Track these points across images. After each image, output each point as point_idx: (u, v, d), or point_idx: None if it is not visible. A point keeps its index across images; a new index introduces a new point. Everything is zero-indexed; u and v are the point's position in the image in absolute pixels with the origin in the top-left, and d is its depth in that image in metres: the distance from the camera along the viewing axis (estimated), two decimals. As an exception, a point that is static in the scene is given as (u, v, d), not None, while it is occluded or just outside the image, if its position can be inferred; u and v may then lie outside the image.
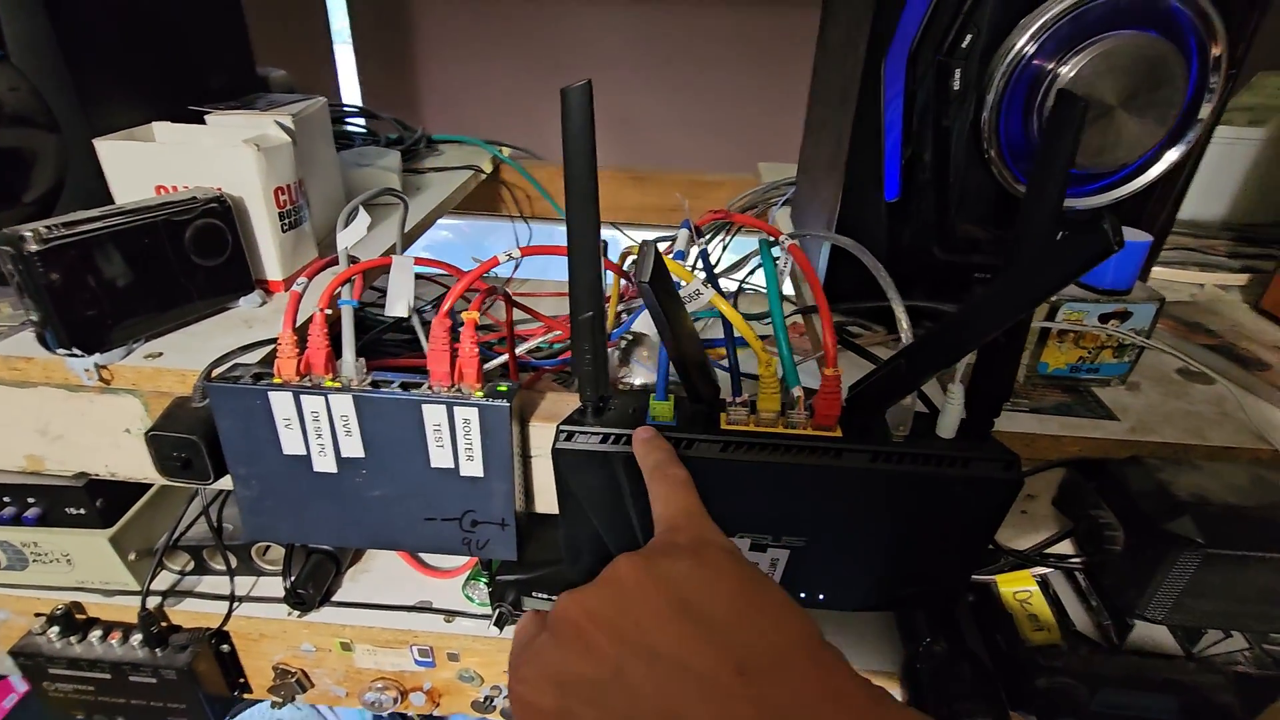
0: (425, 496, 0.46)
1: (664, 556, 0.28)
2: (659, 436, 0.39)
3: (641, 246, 0.25)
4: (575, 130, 0.34)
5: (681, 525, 0.31)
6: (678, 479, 0.34)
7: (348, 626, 0.58)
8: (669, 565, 0.27)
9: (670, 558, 0.28)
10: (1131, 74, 0.40)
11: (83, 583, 0.59)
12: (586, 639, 0.26)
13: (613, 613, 0.26)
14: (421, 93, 1.36)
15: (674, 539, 0.30)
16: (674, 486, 0.33)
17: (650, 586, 0.26)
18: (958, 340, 0.33)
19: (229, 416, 0.45)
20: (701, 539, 0.29)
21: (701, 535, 0.30)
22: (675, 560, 0.28)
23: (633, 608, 0.26)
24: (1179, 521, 0.36)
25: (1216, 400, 0.48)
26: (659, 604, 0.26)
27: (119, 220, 0.47)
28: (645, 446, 0.38)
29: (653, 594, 0.26)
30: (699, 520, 0.31)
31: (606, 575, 0.28)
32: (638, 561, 0.28)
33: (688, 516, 0.31)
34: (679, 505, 0.32)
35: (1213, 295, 0.66)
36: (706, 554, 0.28)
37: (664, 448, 0.38)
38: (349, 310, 0.45)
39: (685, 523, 0.31)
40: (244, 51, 0.70)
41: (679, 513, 0.32)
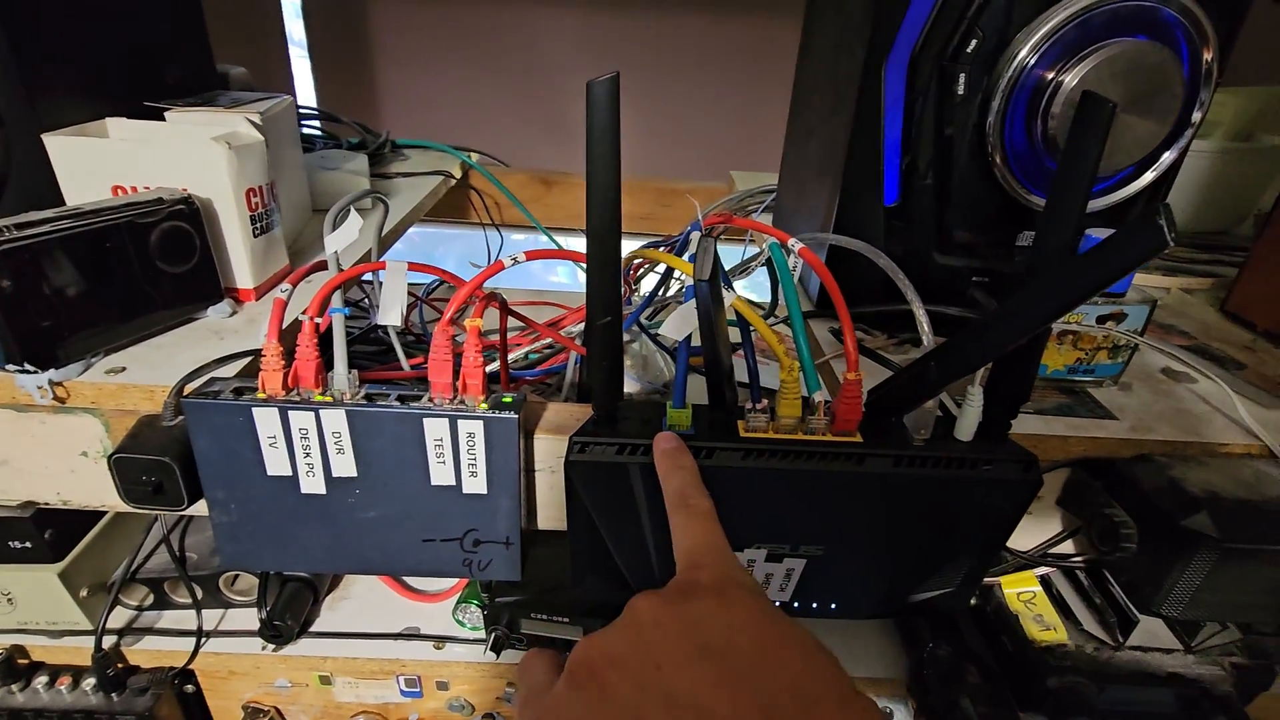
0: (424, 517, 0.44)
1: (686, 596, 0.27)
2: (683, 448, 0.37)
3: (701, 242, 0.23)
4: (600, 127, 0.33)
5: (705, 562, 0.29)
6: (700, 510, 0.32)
7: (328, 658, 0.54)
8: (691, 606, 0.26)
9: (692, 598, 0.27)
10: (1133, 80, 0.41)
11: (26, 623, 0.53)
12: (603, 684, 0.24)
13: (631, 656, 0.25)
14: (380, 97, 1.31)
15: (696, 577, 0.28)
16: (696, 518, 0.32)
17: (671, 627, 0.25)
18: (991, 343, 0.33)
19: (206, 435, 0.41)
20: (726, 577, 0.28)
21: (726, 573, 0.28)
22: (697, 600, 0.26)
23: (653, 650, 0.25)
24: (1196, 518, 0.37)
25: (1202, 398, 0.50)
26: (680, 646, 0.24)
27: (77, 222, 0.42)
28: (668, 461, 0.36)
29: (673, 635, 0.25)
30: (723, 557, 0.29)
31: (625, 617, 0.27)
32: (657, 601, 0.27)
33: (711, 552, 0.30)
34: (702, 540, 0.31)
35: (1180, 299, 0.69)
36: (731, 594, 0.27)
37: (688, 465, 0.36)
38: (340, 318, 0.42)
39: (709, 559, 0.29)
40: (202, 45, 0.66)
41: (702, 548, 0.30)
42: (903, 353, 0.54)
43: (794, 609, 0.46)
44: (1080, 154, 0.32)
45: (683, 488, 0.34)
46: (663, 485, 0.36)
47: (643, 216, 1.10)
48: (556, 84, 1.26)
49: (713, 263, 0.23)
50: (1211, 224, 0.85)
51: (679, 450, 0.37)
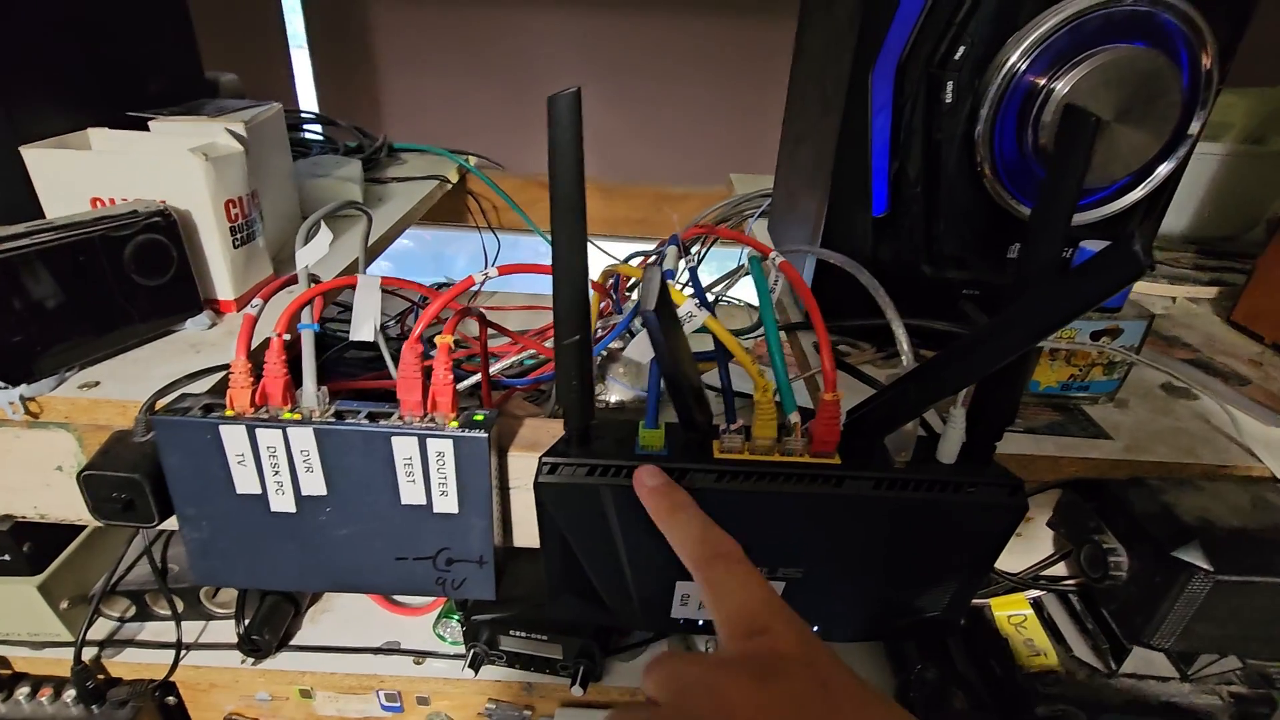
0: (395, 535, 0.43)
1: (775, 676, 0.23)
2: (670, 481, 0.35)
3: (646, 272, 0.22)
4: (563, 141, 0.32)
5: (771, 627, 0.25)
6: (736, 558, 0.29)
7: (307, 673, 0.54)
8: (786, 686, 0.23)
9: (785, 676, 0.23)
10: (1127, 88, 0.40)
11: (8, 635, 0.53)
12: None
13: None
14: (381, 100, 1.31)
15: (775, 647, 0.24)
16: (737, 569, 0.28)
17: (776, 713, 0.22)
18: (970, 365, 0.32)
19: (176, 452, 0.41)
20: (808, 644, 0.25)
21: (805, 639, 0.25)
22: (792, 680, 0.23)
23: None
24: (1187, 548, 0.35)
25: (1203, 416, 0.48)
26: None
27: (49, 236, 0.42)
28: (662, 500, 0.34)
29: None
30: (791, 618, 0.26)
31: (702, 707, 0.23)
32: (749, 684, 0.23)
33: (775, 615, 0.26)
34: (759, 599, 0.26)
35: (1185, 309, 0.67)
36: (820, 667, 0.24)
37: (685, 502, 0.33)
38: (309, 335, 0.41)
39: (776, 624, 0.25)
40: (190, 53, 0.66)
41: (762, 610, 0.26)
42: (891, 366, 0.53)
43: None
44: (1065, 170, 0.31)
45: (702, 532, 0.31)
46: (666, 530, 0.33)
47: (639, 220, 1.09)
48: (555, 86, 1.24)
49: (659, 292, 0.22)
50: (1220, 230, 0.83)
51: (669, 487, 0.34)
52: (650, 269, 0.22)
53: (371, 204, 0.84)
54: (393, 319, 0.87)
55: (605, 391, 0.85)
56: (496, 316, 0.85)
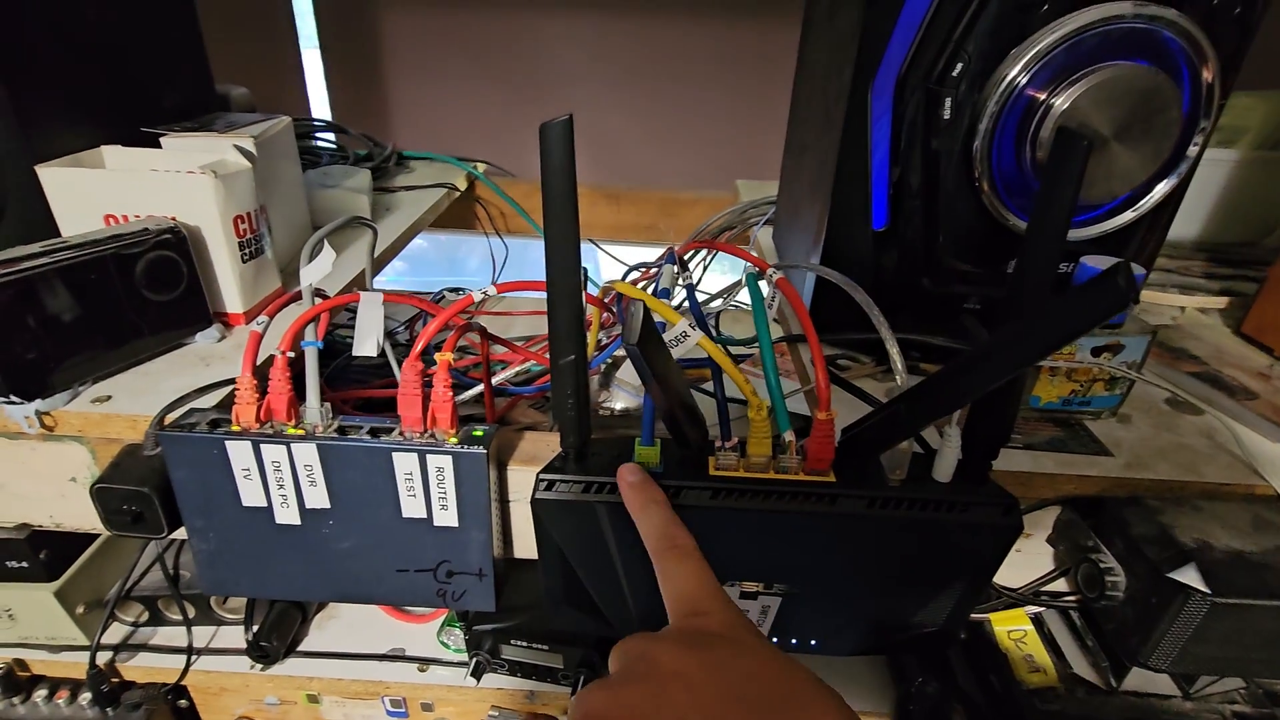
0: (397, 548, 0.44)
1: (701, 647, 0.26)
2: (649, 480, 0.37)
3: (630, 307, 0.23)
4: (556, 167, 0.32)
5: (707, 608, 0.29)
6: (687, 550, 0.32)
7: (314, 679, 0.55)
8: (707, 654, 0.26)
9: (708, 648, 0.26)
10: (1126, 105, 0.39)
11: (26, 638, 0.55)
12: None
13: (654, 710, 0.24)
14: (392, 108, 1.32)
15: (703, 624, 0.28)
16: (687, 560, 0.32)
17: (694, 679, 0.25)
18: (960, 388, 0.32)
19: (183, 467, 0.42)
20: (736, 624, 0.28)
21: (734, 619, 0.28)
22: (714, 650, 0.26)
23: (677, 703, 0.24)
24: (1184, 570, 0.35)
25: (1207, 432, 0.48)
26: (704, 696, 0.24)
27: (62, 256, 0.43)
28: (637, 495, 0.36)
29: (697, 685, 0.24)
30: (721, 599, 0.29)
31: (638, 669, 0.26)
32: (676, 652, 0.26)
33: (710, 597, 0.29)
34: (698, 585, 0.30)
35: (1194, 319, 0.66)
36: (743, 639, 0.27)
37: (659, 499, 0.36)
38: (313, 352, 0.42)
39: (712, 605, 0.29)
40: (201, 68, 0.67)
41: (700, 595, 0.30)
42: (890, 381, 0.53)
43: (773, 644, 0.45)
44: (1057, 191, 0.31)
45: (664, 526, 0.34)
46: (637, 522, 0.35)
47: (647, 227, 1.09)
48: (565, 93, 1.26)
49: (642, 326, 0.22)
50: (1235, 235, 0.82)
51: (645, 483, 0.37)
52: (634, 304, 0.22)
53: (380, 213, 0.86)
54: (401, 325, 0.88)
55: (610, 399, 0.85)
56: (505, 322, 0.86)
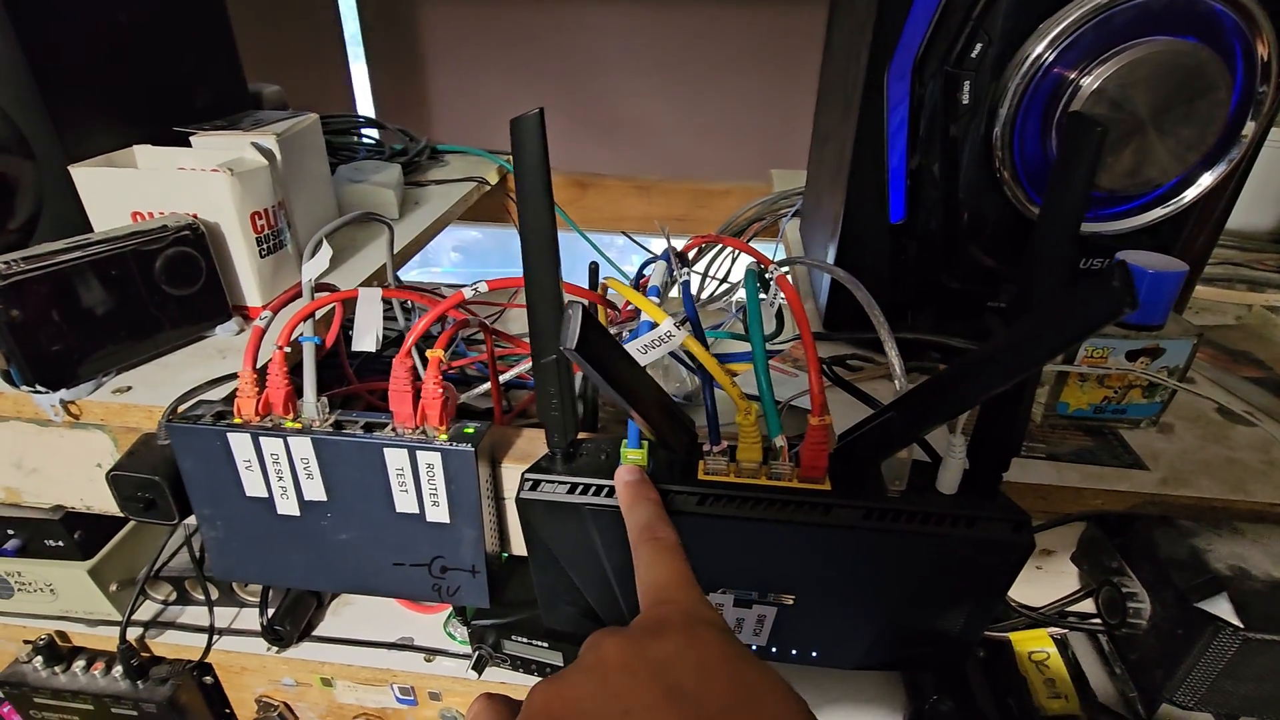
0: (392, 542, 0.44)
1: (652, 636, 0.25)
2: (646, 480, 0.36)
3: (567, 309, 0.22)
4: (529, 164, 0.31)
5: (671, 598, 0.28)
6: (666, 544, 0.31)
7: (327, 663, 0.57)
8: (658, 645, 0.25)
9: (659, 637, 0.25)
10: (1165, 85, 0.36)
11: (67, 612, 0.58)
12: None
13: (597, 702, 0.23)
14: (432, 102, 1.34)
15: (663, 614, 0.27)
16: (662, 552, 0.31)
17: (639, 670, 0.24)
18: (956, 396, 0.30)
19: (190, 457, 0.43)
20: (694, 615, 0.27)
21: (694, 611, 0.27)
22: (664, 640, 0.25)
23: (620, 696, 0.23)
24: (1214, 599, 0.32)
25: (1263, 446, 0.43)
26: (649, 691, 0.23)
27: (84, 253, 0.45)
28: (630, 493, 0.35)
29: (642, 679, 0.24)
30: (691, 593, 0.28)
31: (587, 659, 0.26)
32: (622, 641, 0.25)
33: (677, 588, 0.29)
34: (667, 574, 0.29)
35: (1261, 318, 0.60)
36: (700, 633, 0.26)
37: (651, 498, 0.35)
38: (310, 347, 0.42)
39: (676, 596, 0.28)
40: (233, 68, 0.69)
41: (668, 584, 0.29)
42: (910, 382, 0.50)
43: (771, 654, 0.44)
44: (1068, 183, 0.28)
45: (648, 520, 0.33)
46: (626, 518, 0.35)
47: (678, 218, 1.07)
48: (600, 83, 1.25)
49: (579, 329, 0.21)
50: (1319, 227, 0.74)
51: (642, 483, 0.36)
52: (573, 304, 0.21)
53: (409, 207, 0.87)
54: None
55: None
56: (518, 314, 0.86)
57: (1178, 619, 0.33)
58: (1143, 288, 0.40)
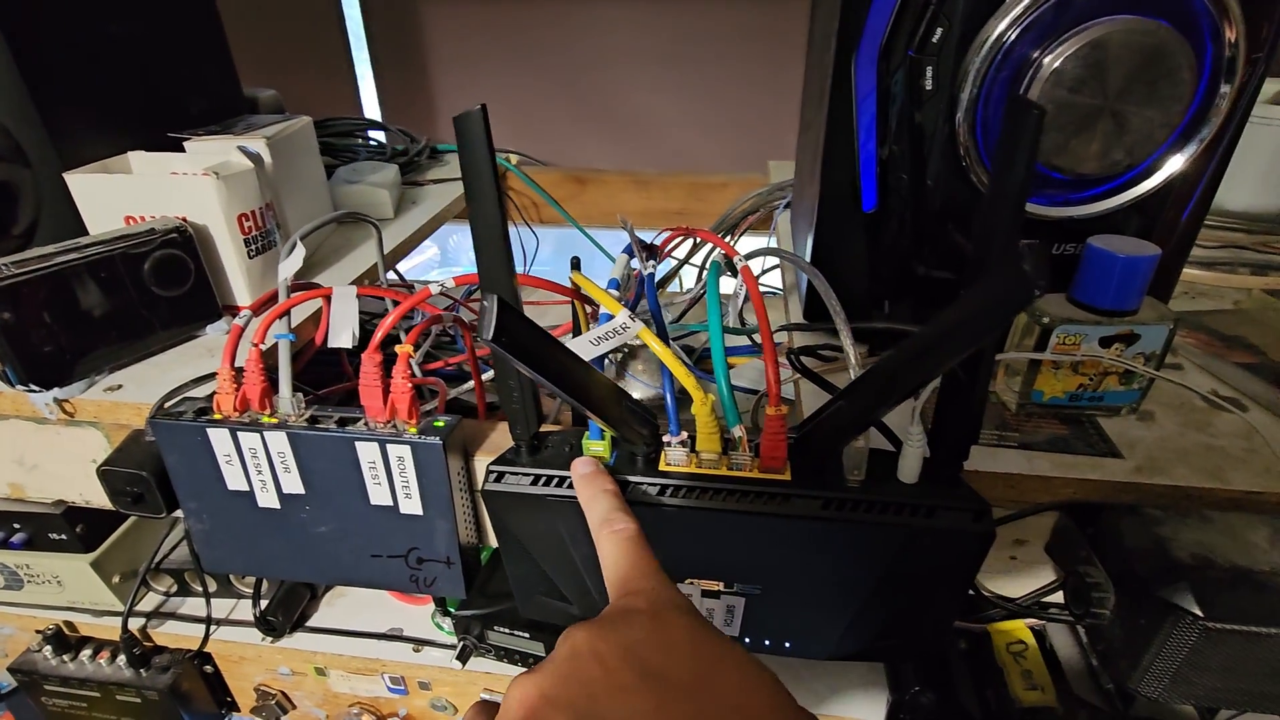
0: (368, 533, 0.45)
1: (620, 623, 0.26)
2: (601, 471, 0.37)
3: (483, 300, 0.22)
4: (476, 159, 0.32)
5: (637, 587, 0.28)
6: (627, 534, 0.32)
7: (319, 653, 0.58)
8: (626, 631, 0.25)
9: (626, 624, 0.26)
10: (1125, 65, 0.35)
11: (74, 603, 0.60)
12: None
13: (569, 691, 0.24)
14: (437, 102, 1.36)
15: (631, 603, 0.28)
16: (623, 543, 0.31)
17: (608, 656, 0.24)
18: (896, 383, 0.29)
19: (174, 452, 0.45)
20: (660, 599, 0.27)
21: (659, 595, 0.28)
22: (631, 626, 0.26)
23: (590, 682, 0.24)
24: (1175, 588, 0.31)
25: (1245, 433, 0.42)
26: (618, 674, 0.24)
27: (74, 256, 0.47)
28: (587, 486, 0.36)
29: (611, 664, 0.24)
30: (653, 578, 0.29)
31: (561, 651, 0.26)
32: (592, 631, 0.26)
33: (642, 576, 0.29)
34: (630, 565, 0.30)
35: (1260, 302, 0.58)
36: (666, 616, 0.26)
37: (607, 488, 0.35)
38: (285, 344, 0.43)
39: (640, 584, 0.29)
40: (227, 74, 0.71)
41: (631, 574, 0.29)
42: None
43: (745, 644, 0.44)
44: (1010, 166, 0.28)
45: (606, 512, 0.33)
46: (585, 512, 0.35)
47: (676, 212, 1.07)
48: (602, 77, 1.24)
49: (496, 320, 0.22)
50: (1331, 207, 0.72)
51: (597, 474, 0.36)
52: (487, 297, 0.22)
53: (405, 206, 0.88)
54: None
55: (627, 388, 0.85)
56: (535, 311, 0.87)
57: (1140, 608, 0.33)
58: (1113, 273, 0.39)
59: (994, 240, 0.29)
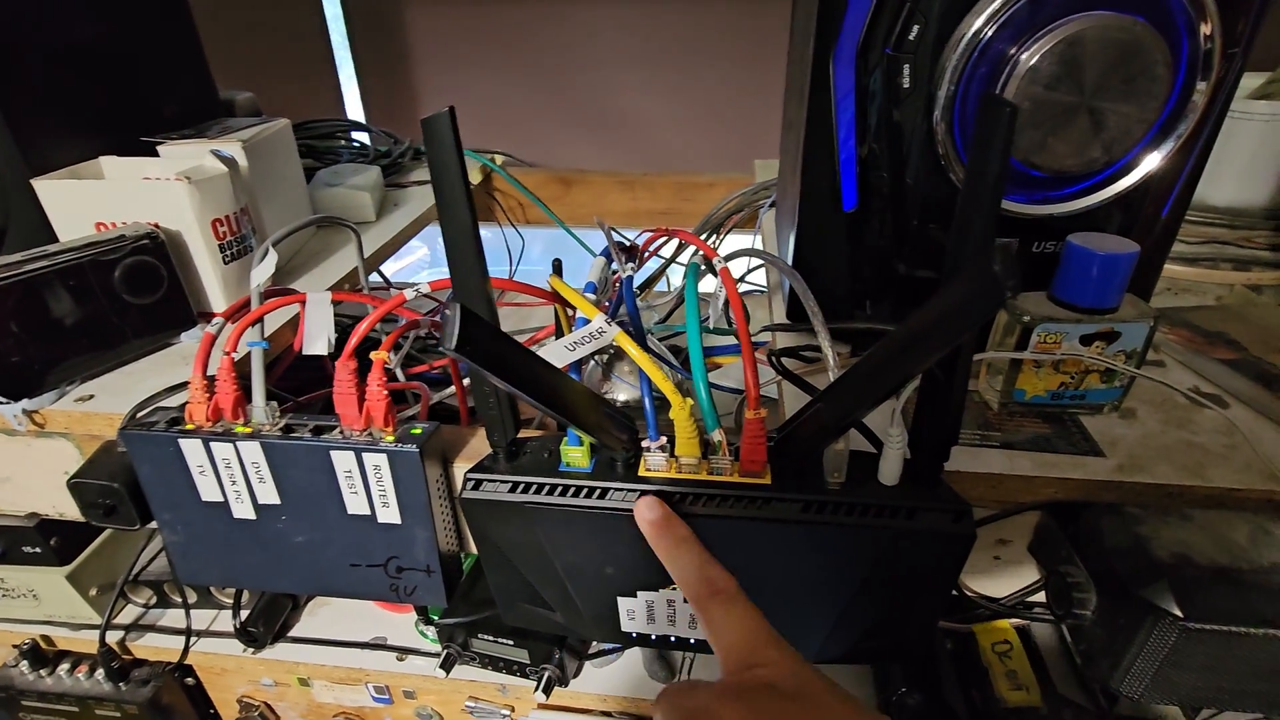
0: (347, 543, 0.44)
1: (766, 702, 0.25)
2: (672, 515, 0.34)
3: (445, 309, 0.21)
4: (445, 161, 0.31)
5: (765, 660, 0.27)
6: (730, 594, 0.30)
7: (302, 663, 0.57)
8: (782, 712, 0.25)
9: (774, 703, 0.25)
10: (1101, 61, 0.34)
11: (51, 616, 0.59)
12: None
13: None
14: (421, 103, 1.34)
15: (765, 676, 0.26)
16: (734, 607, 0.30)
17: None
18: (872, 385, 0.29)
19: (146, 463, 0.44)
20: (799, 673, 0.26)
21: (797, 668, 0.27)
22: (783, 705, 0.25)
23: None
24: (1154, 588, 0.31)
25: (1227, 430, 0.42)
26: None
27: (42, 264, 0.46)
28: (663, 536, 0.34)
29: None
30: (783, 649, 0.28)
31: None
32: (740, 709, 0.25)
33: (770, 646, 0.28)
34: (752, 632, 0.29)
35: (1242, 298, 0.59)
36: (813, 694, 0.25)
37: (687, 536, 0.34)
38: (259, 352, 0.43)
39: (770, 654, 0.27)
40: (201, 77, 0.70)
41: (757, 643, 0.28)
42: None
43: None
44: (984, 165, 0.28)
45: (700, 569, 0.32)
46: (666, 565, 0.33)
47: (662, 212, 1.07)
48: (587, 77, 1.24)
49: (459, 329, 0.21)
50: (1312, 200, 0.72)
51: (669, 520, 0.34)
52: (449, 305, 0.21)
53: (387, 209, 0.87)
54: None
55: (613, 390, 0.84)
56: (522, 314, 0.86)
57: (1119, 608, 0.32)
58: (1093, 271, 0.39)
59: (969, 239, 0.29)
